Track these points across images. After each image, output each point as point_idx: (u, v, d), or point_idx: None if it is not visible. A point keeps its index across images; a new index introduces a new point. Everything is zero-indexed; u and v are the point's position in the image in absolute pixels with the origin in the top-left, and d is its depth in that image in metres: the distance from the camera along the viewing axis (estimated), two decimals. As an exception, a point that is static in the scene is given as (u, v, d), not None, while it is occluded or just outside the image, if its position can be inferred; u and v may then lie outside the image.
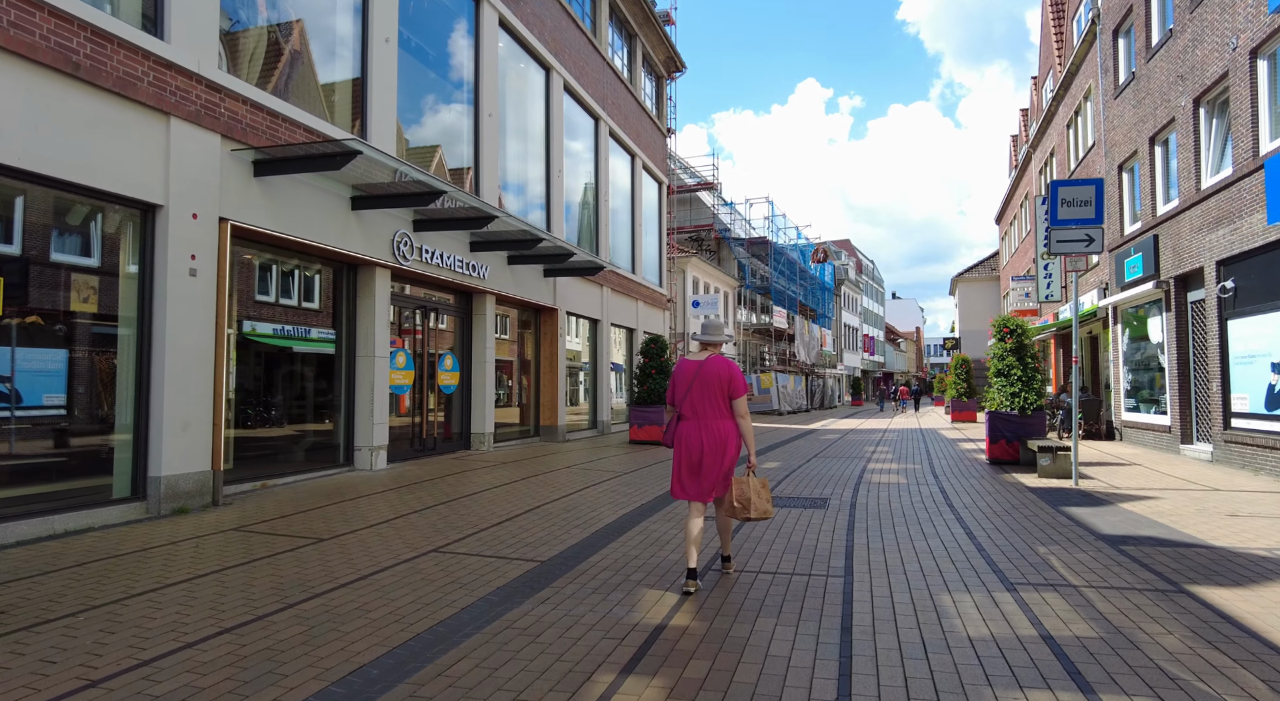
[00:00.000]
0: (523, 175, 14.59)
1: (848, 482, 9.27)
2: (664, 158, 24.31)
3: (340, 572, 4.88)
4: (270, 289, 8.81)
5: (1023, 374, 11.19)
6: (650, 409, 14.94)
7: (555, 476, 9.69)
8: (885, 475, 10.11)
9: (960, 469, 10.80)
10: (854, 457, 12.62)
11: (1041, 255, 20.33)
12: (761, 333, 38.26)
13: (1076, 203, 8.64)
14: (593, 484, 9.04)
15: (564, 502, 7.66)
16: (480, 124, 12.48)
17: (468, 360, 12.54)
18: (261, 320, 8.59)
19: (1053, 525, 6.42)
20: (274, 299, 8.86)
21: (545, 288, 14.75)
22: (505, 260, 13.09)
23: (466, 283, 11.83)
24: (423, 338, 11.40)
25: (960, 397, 25.11)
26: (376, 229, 9.67)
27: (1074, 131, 18.89)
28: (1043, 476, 9.47)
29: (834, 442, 16.15)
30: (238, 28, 7.98)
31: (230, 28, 7.81)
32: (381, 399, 9.81)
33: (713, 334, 4.85)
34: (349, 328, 9.75)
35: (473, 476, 9.53)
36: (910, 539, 5.95)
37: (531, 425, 15.09)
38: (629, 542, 5.82)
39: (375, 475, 9.39)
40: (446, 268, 11.18)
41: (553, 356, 15.14)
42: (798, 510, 7.30)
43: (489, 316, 12.69)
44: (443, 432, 12.03)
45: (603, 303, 17.96)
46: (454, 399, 12.34)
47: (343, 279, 9.76)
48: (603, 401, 17.91)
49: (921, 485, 9.09)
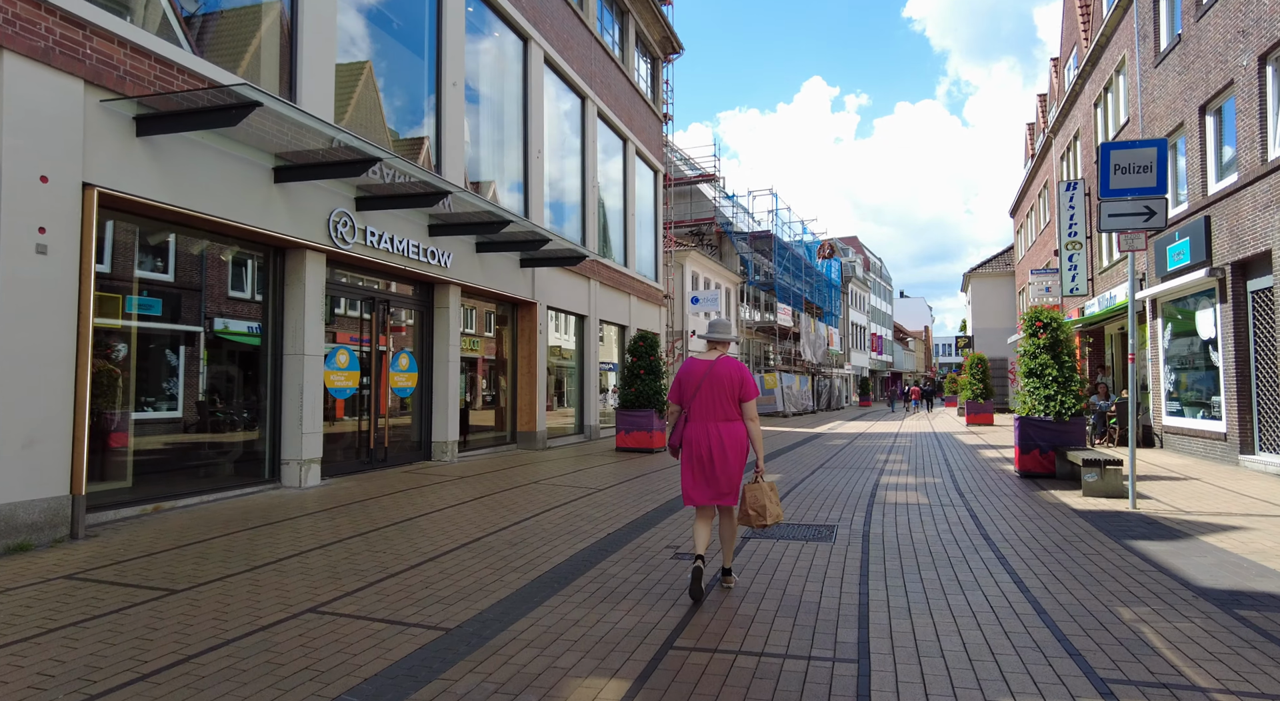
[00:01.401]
0: (496, 154, 13.21)
1: (858, 502, 7.85)
2: (660, 144, 22.90)
3: (156, 650, 3.50)
4: (171, 271, 7.44)
5: (1058, 374, 9.74)
6: (638, 413, 13.54)
7: (517, 494, 8.30)
8: (902, 491, 8.69)
9: (988, 484, 9.36)
10: (864, 468, 11.19)
11: (1066, 245, 18.84)
12: (765, 331, 36.80)
13: (1133, 169, 7.19)
14: (558, 504, 7.65)
15: (513, 532, 6.27)
16: (442, 93, 11.10)
17: (428, 359, 11.15)
18: (160, 311, 7.24)
19: (1126, 570, 4.99)
20: (175, 283, 7.50)
21: (522, 279, 13.37)
22: (473, 247, 11.71)
23: (425, 271, 10.45)
24: (371, 333, 10.02)
25: (976, 399, 23.62)
26: (308, 206, 8.30)
27: (1103, 109, 17.38)
28: (1089, 495, 8.03)
29: (842, 449, 14.73)
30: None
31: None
32: (314, 404, 8.44)
33: (720, 332, 4.67)
34: (275, 321, 8.39)
35: (419, 495, 8.15)
36: (943, 592, 4.53)
37: (508, 431, 13.71)
38: (574, 597, 4.42)
39: (303, 494, 8.02)
40: (399, 253, 9.80)
41: (531, 355, 13.75)
42: (799, 542, 5.89)
43: (453, 310, 11.30)
44: (397, 442, 10.66)
45: (590, 297, 16.56)
46: (411, 403, 10.97)
47: (269, 264, 8.40)
48: (590, 405, 16.52)
49: (946, 506, 7.67)
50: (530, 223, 11.04)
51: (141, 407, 7.03)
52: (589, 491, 8.59)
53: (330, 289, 9.13)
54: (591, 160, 16.85)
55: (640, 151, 20.58)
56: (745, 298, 35.53)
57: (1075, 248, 18.65)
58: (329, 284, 9.05)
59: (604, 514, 7.16)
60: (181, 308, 7.47)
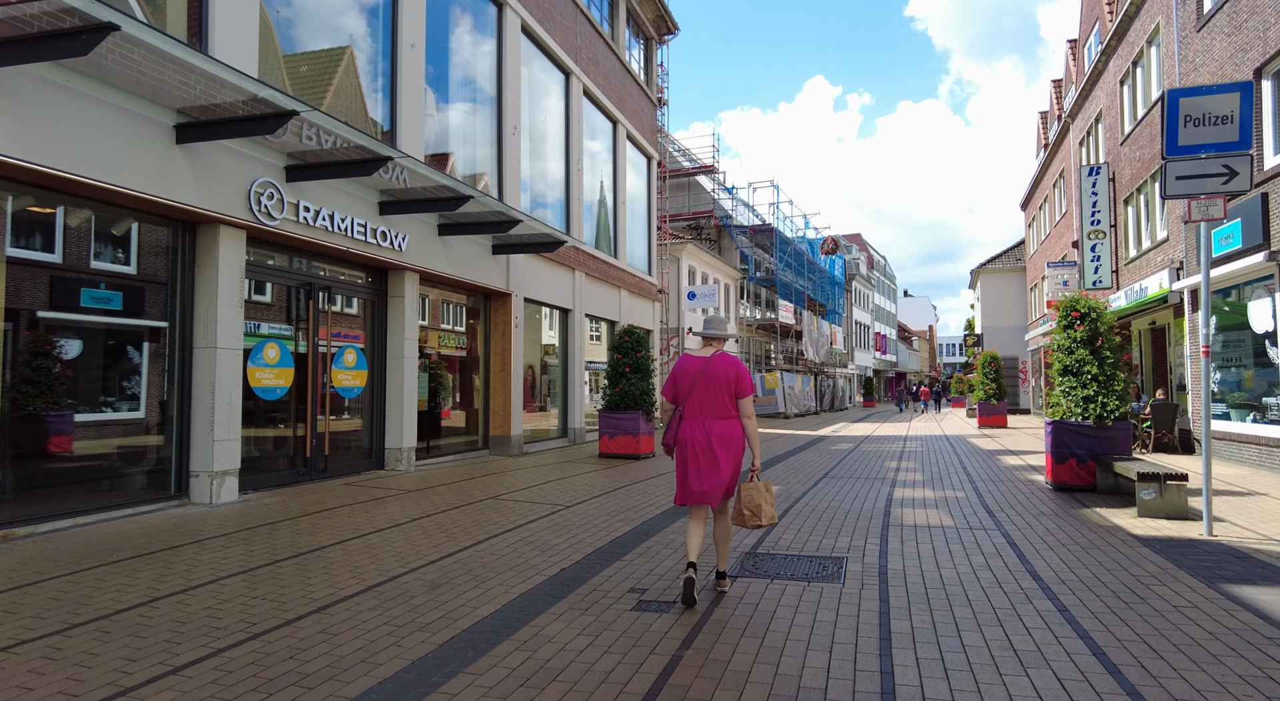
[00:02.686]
0: (466, 129, 11.95)
1: (870, 524, 6.57)
2: (654, 130, 21.63)
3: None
4: (50, 246, 6.19)
5: (1099, 372, 8.45)
6: (623, 415, 12.27)
7: (468, 513, 7.04)
8: (920, 509, 7.41)
9: (1019, 499, 8.08)
10: (874, 478, 9.91)
11: (1088, 235, 17.54)
12: (766, 329, 35.49)
13: (1208, 120, 5.90)
14: (511, 526, 6.39)
15: (442, 567, 5.01)
16: (398, 55, 9.84)
17: (380, 355, 9.89)
18: (53, 297, 5.99)
19: (1243, 634, 3.70)
20: (62, 263, 6.25)
21: (495, 267, 12.11)
22: (434, 230, 10.44)
23: (376, 255, 9.19)
24: (309, 325, 8.76)
25: (989, 399, 22.30)
26: (222, 173, 7.04)
27: (1130, 86, 16.07)
28: (1146, 515, 6.75)
29: (847, 455, 13.45)
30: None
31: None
32: (229, 406, 7.18)
33: (716, 329, 4.54)
34: (182, 308, 7.14)
35: (351, 514, 6.89)
36: (997, 669, 3.25)
37: (479, 435, 12.44)
38: (484, 679, 3.16)
39: (211, 513, 6.76)
40: (342, 233, 8.55)
41: (505, 351, 12.49)
42: (798, 583, 4.62)
43: (409, 299, 10.03)
44: (341, 449, 9.40)
45: (575, 290, 15.30)
46: (360, 405, 9.71)
47: (177, 242, 7.15)
48: (574, 406, 15.25)
49: (976, 529, 6.39)
50: (496, 200, 9.77)
51: (18, 409, 5.78)
52: (554, 509, 7.32)
53: (254, 272, 7.87)
54: (577, 141, 15.59)
55: (632, 136, 19.31)
56: (745, 294, 34.25)
57: (1098, 237, 17.34)
58: (252, 266, 7.79)
59: (564, 540, 5.89)
60: (64, 291, 6.22)
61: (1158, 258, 14.04)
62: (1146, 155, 14.68)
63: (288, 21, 8.45)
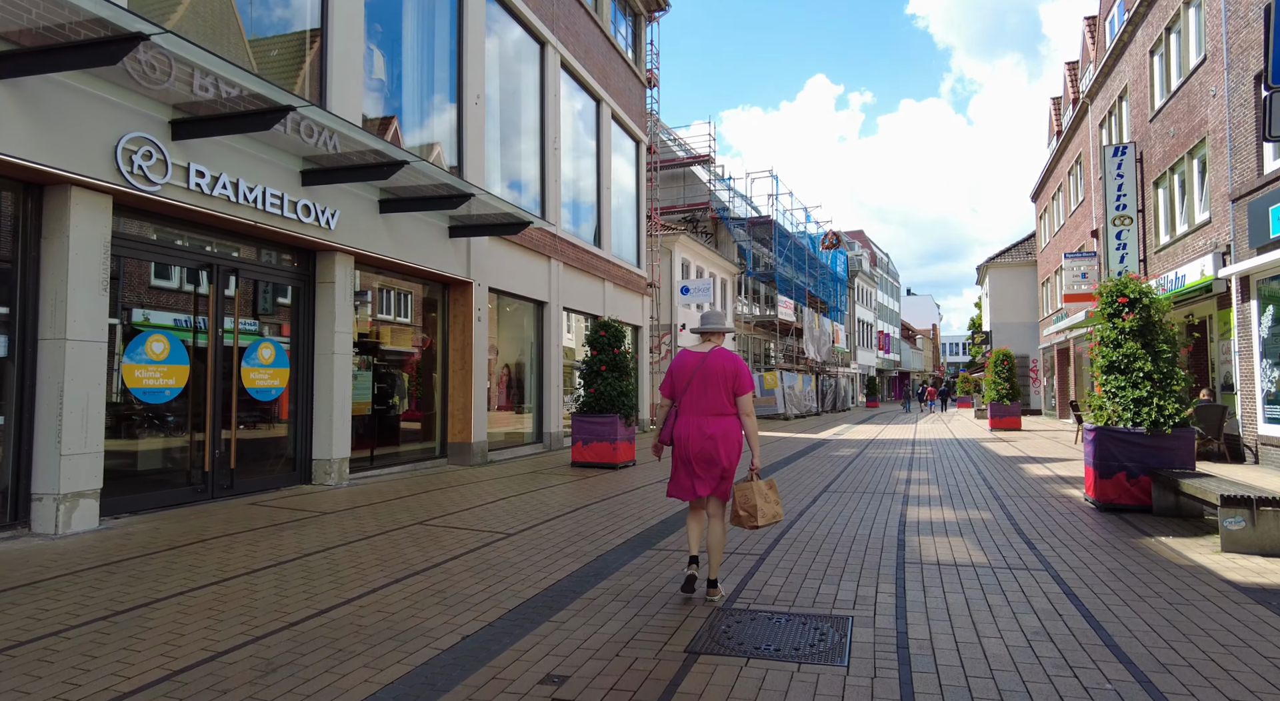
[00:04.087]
0: (421, 96, 10.57)
1: (880, 560, 5.18)
2: (643, 112, 20.24)
3: None
4: None
5: (1154, 369, 7.06)
6: (599, 419, 10.88)
7: (379, 546, 5.66)
8: (942, 537, 6.02)
9: (1060, 523, 6.67)
10: (882, 493, 8.52)
11: (1113, 221, 16.11)
12: (765, 326, 34.08)
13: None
14: (424, 567, 5.00)
15: (298, 635, 3.62)
16: (331, 7, 8.46)
17: (306, 350, 8.50)
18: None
19: None
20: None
21: (452, 252, 10.73)
22: (375, 206, 9.06)
23: (298, 232, 7.82)
24: (211, 314, 7.37)
25: (1001, 400, 20.88)
26: (78, 125, 5.67)
27: (1162, 56, 14.65)
28: (1231, 549, 5.35)
29: (850, 462, 12.05)
30: None
31: None
32: (84, 412, 5.79)
33: (713, 323, 4.36)
34: (24, 291, 5.75)
35: (231, 547, 5.50)
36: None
37: (436, 442, 11.06)
38: None
39: (49, 546, 5.37)
40: (250, 205, 7.17)
41: (465, 348, 11.10)
42: (785, 666, 3.23)
43: (341, 286, 8.64)
44: (255, 462, 8.03)
45: (551, 280, 13.92)
46: (280, 408, 8.32)
47: (20, 207, 5.78)
48: (550, 408, 13.85)
49: (1017, 569, 4.99)
50: (441, 170, 8.37)
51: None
52: (490, 538, 5.93)
53: (127, 247, 6.49)
54: (553, 118, 14.20)
55: (618, 116, 17.92)
56: (744, 290, 32.85)
57: (1124, 223, 15.92)
58: (126, 240, 6.42)
59: (484, 587, 4.51)
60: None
61: (1197, 242, 12.62)
62: (1183, 129, 13.26)
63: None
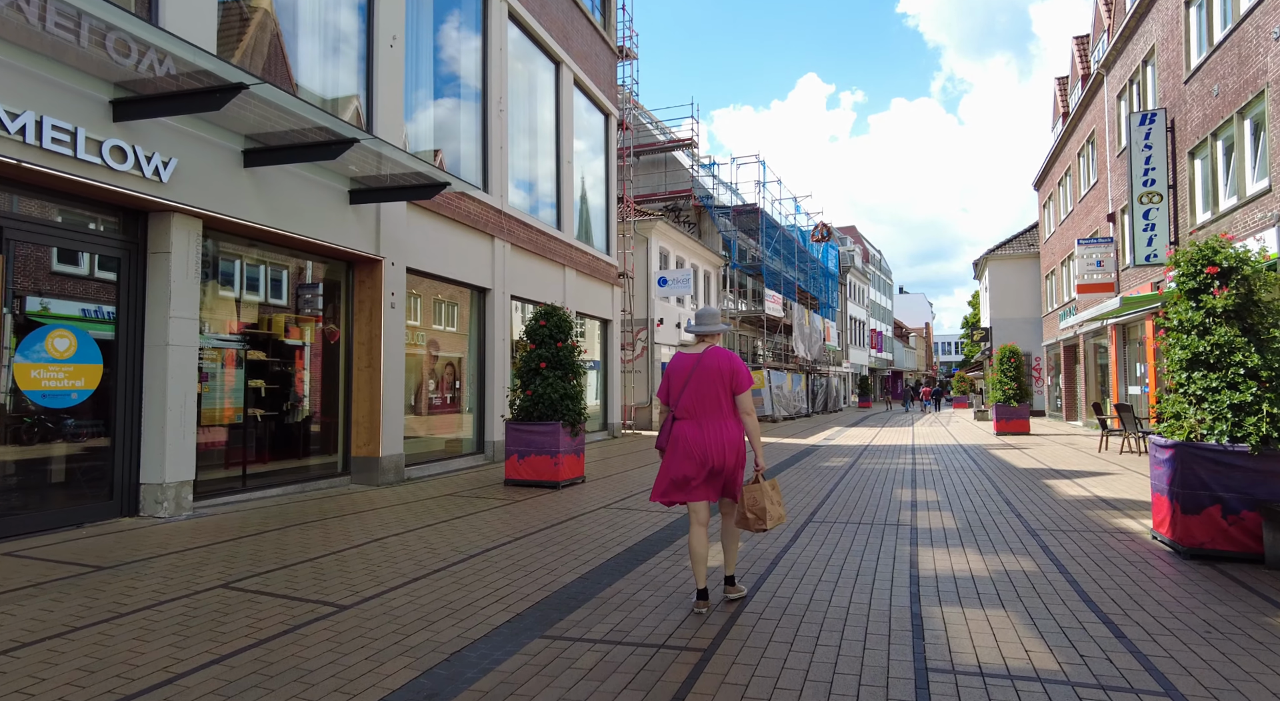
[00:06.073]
0: (321, 35, 8.57)
1: (890, 658, 3.21)
2: (612, 82, 18.28)
3: None
4: None
5: (1260, 364, 5.17)
6: (538, 428, 8.90)
7: (127, 632, 3.67)
8: (974, 607, 4.06)
9: (1138, 579, 4.74)
10: (882, 523, 6.57)
11: (1140, 199, 14.24)
12: (752, 322, 32.18)
13: None
14: (169, 678, 3.02)
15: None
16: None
17: (133, 341, 6.47)
18: None
19: None
20: None
21: (355, 222, 8.73)
22: (237, 156, 7.05)
23: (111, 183, 5.81)
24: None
25: (1008, 401, 19.03)
26: None
27: (1200, 5, 12.80)
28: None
29: (843, 476, 10.12)
30: None
31: None
32: None
33: (708, 323, 4.22)
34: None
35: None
36: None
37: (338, 456, 9.05)
38: None
39: None
40: (23, 142, 5.16)
41: (372, 340, 9.10)
42: None
43: (179, 256, 6.60)
44: (48, 489, 6.01)
45: (495, 263, 11.95)
46: (90, 417, 6.29)
47: None
48: (492, 414, 11.87)
49: (1109, 682, 3.05)
50: (299, 99, 6.34)
51: None
52: (311, 616, 3.94)
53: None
54: (498, 76, 12.22)
55: (582, 83, 15.95)
56: (729, 284, 30.93)
57: (1152, 200, 14.06)
58: None
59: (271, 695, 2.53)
60: None
61: (1252, 216, 10.75)
62: (1231, 86, 11.41)
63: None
